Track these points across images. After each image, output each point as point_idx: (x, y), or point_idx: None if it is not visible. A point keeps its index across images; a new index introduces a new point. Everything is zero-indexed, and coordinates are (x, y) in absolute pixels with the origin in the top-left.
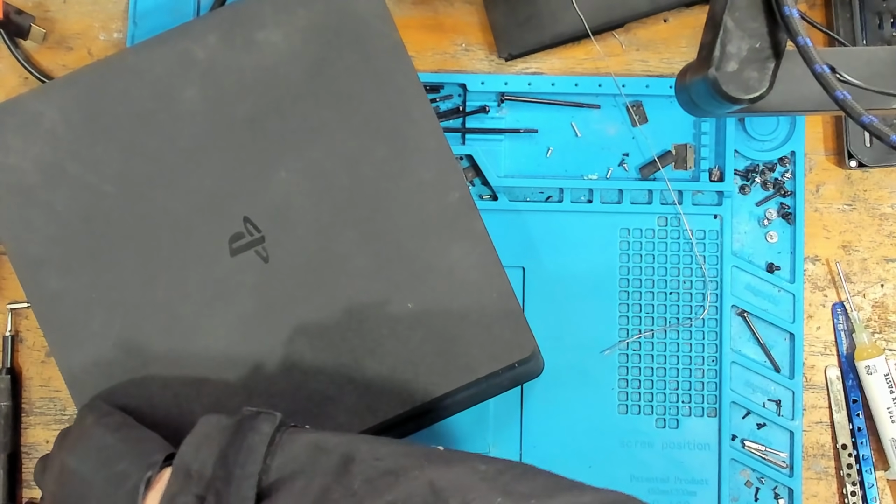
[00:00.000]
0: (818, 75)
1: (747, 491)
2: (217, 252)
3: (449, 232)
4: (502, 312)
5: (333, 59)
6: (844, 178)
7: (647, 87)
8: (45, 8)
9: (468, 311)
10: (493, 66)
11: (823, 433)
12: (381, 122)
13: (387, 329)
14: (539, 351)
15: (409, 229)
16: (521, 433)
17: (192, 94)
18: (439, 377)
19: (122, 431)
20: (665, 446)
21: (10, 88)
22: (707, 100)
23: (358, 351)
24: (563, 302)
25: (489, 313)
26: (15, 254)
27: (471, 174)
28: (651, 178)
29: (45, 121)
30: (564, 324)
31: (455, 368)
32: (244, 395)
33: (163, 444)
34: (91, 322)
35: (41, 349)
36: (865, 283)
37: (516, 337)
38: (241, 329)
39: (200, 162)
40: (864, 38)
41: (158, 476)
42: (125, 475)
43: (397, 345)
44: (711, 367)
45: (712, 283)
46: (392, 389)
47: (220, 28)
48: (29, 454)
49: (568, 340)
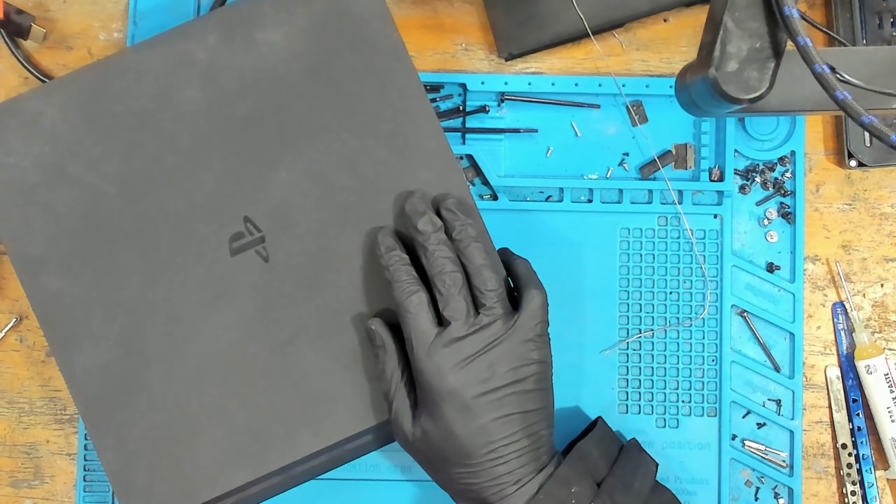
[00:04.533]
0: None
1: (747, 490)
2: (217, 252)
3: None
4: None
5: (333, 59)
6: (844, 178)
7: (647, 87)
8: (45, 8)
9: None
10: (493, 66)
11: (823, 433)
12: (382, 121)
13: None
14: None
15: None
16: None
17: (192, 94)
18: None
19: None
20: (665, 446)
21: (10, 88)
22: (707, 100)
23: (358, 351)
24: (562, 302)
25: None
26: (15, 253)
27: (471, 174)
28: (651, 178)
29: (45, 120)
30: (564, 324)
31: None
32: (244, 395)
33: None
34: (91, 322)
35: (41, 349)
36: (865, 282)
37: None
38: (241, 328)
39: (200, 162)
40: (864, 38)
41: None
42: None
43: None
44: (711, 367)
45: (712, 283)
46: None
47: (220, 28)
48: (29, 454)
49: (568, 340)
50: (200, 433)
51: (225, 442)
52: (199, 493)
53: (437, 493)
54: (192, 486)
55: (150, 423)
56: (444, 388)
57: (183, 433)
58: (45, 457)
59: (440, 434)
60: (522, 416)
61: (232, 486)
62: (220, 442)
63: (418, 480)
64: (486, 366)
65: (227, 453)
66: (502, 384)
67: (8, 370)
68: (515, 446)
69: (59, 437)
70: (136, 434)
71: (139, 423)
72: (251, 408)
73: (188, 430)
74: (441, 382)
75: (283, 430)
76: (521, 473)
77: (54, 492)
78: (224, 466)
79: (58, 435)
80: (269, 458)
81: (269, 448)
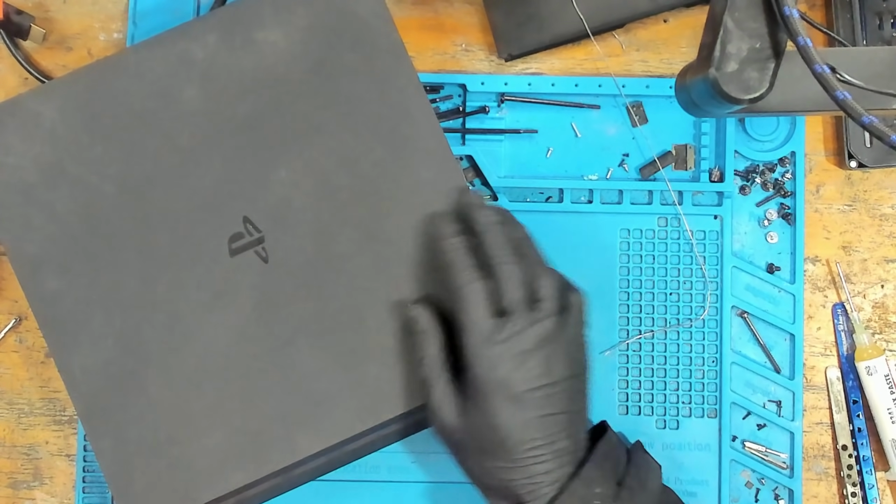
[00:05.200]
0: (818, 75)
1: (747, 492)
2: (217, 252)
3: None
4: None
5: (333, 59)
6: (844, 179)
7: (647, 88)
8: (45, 8)
9: None
10: (493, 67)
11: (824, 434)
12: (381, 122)
13: (386, 329)
14: None
15: (408, 230)
16: None
17: (192, 93)
18: None
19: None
20: (665, 447)
21: (10, 88)
22: (707, 100)
23: (357, 351)
24: None
25: None
26: (14, 253)
27: (471, 174)
28: (651, 179)
29: (44, 120)
30: None
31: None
32: (243, 395)
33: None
34: (90, 322)
35: (41, 349)
36: (865, 283)
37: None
38: (241, 329)
39: (200, 162)
40: (864, 38)
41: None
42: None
43: (397, 345)
44: (712, 368)
45: (712, 284)
46: (392, 390)
47: (220, 28)
48: (28, 455)
49: None
50: (199, 434)
51: (224, 443)
52: (198, 494)
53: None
54: (191, 487)
55: (149, 424)
56: (496, 380)
57: (181, 434)
58: (44, 458)
59: (484, 425)
60: (567, 417)
61: (231, 488)
62: (218, 443)
63: (418, 481)
64: (541, 361)
65: (226, 454)
66: (555, 380)
67: (7, 371)
68: (557, 445)
69: (58, 438)
70: (135, 435)
71: (137, 424)
72: (250, 409)
73: (187, 430)
74: (494, 374)
75: (282, 431)
76: (559, 475)
77: (54, 493)
78: (223, 468)
79: (57, 436)
80: (269, 459)
81: (268, 449)
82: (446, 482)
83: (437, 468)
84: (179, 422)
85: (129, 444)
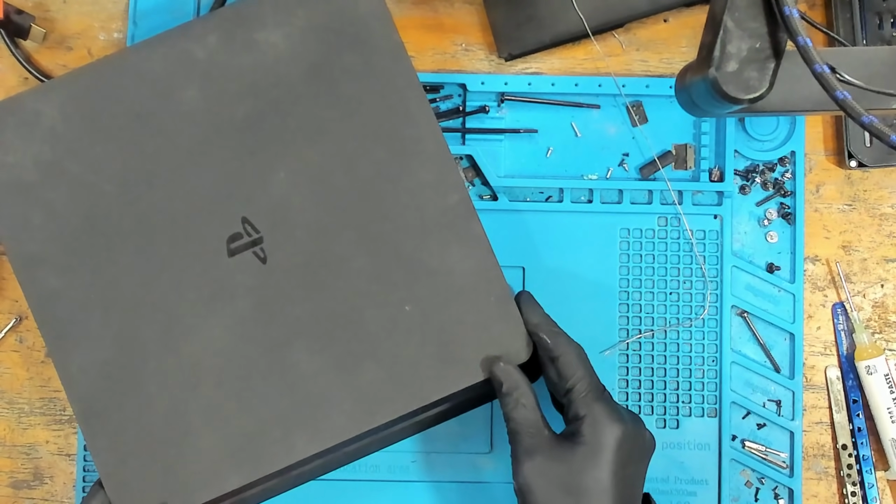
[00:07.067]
0: (818, 75)
1: (747, 491)
2: (215, 252)
3: (447, 234)
4: (499, 316)
5: (333, 60)
6: (844, 179)
7: (647, 87)
8: (45, 8)
9: (465, 314)
10: (493, 66)
11: (823, 433)
12: (381, 122)
13: (384, 331)
14: (537, 353)
15: (407, 231)
16: None
17: (192, 94)
18: (437, 380)
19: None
20: (665, 446)
21: (10, 88)
22: (707, 100)
23: (356, 353)
24: (563, 302)
25: (486, 317)
26: (13, 252)
27: (471, 174)
28: (651, 178)
29: (44, 120)
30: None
31: (453, 372)
32: (240, 396)
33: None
34: (89, 322)
35: (41, 349)
36: (865, 283)
37: (513, 341)
38: (238, 330)
39: (199, 162)
40: (864, 38)
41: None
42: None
43: (395, 347)
44: (711, 368)
45: (712, 283)
46: (389, 392)
47: (220, 28)
48: (29, 455)
49: None
50: (196, 435)
51: (221, 444)
52: (195, 495)
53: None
54: (188, 488)
55: (146, 425)
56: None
57: (178, 435)
58: (44, 457)
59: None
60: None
61: (227, 489)
62: (215, 444)
63: (418, 481)
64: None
65: (223, 456)
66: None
67: (7, 371)
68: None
69: (58, 437)
70: (131, 435)
71: (134, 424)
72: (248, 410)
73: (184, 431)
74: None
75: (279, 432)
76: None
77: (54, 492)
78: (220, 469)
79: (57, 436)
80: (266, 460)
81: (265, 451)
82: (446, 482)
83: (438, 468)
84: (176, 422)
85: (125, 443)
